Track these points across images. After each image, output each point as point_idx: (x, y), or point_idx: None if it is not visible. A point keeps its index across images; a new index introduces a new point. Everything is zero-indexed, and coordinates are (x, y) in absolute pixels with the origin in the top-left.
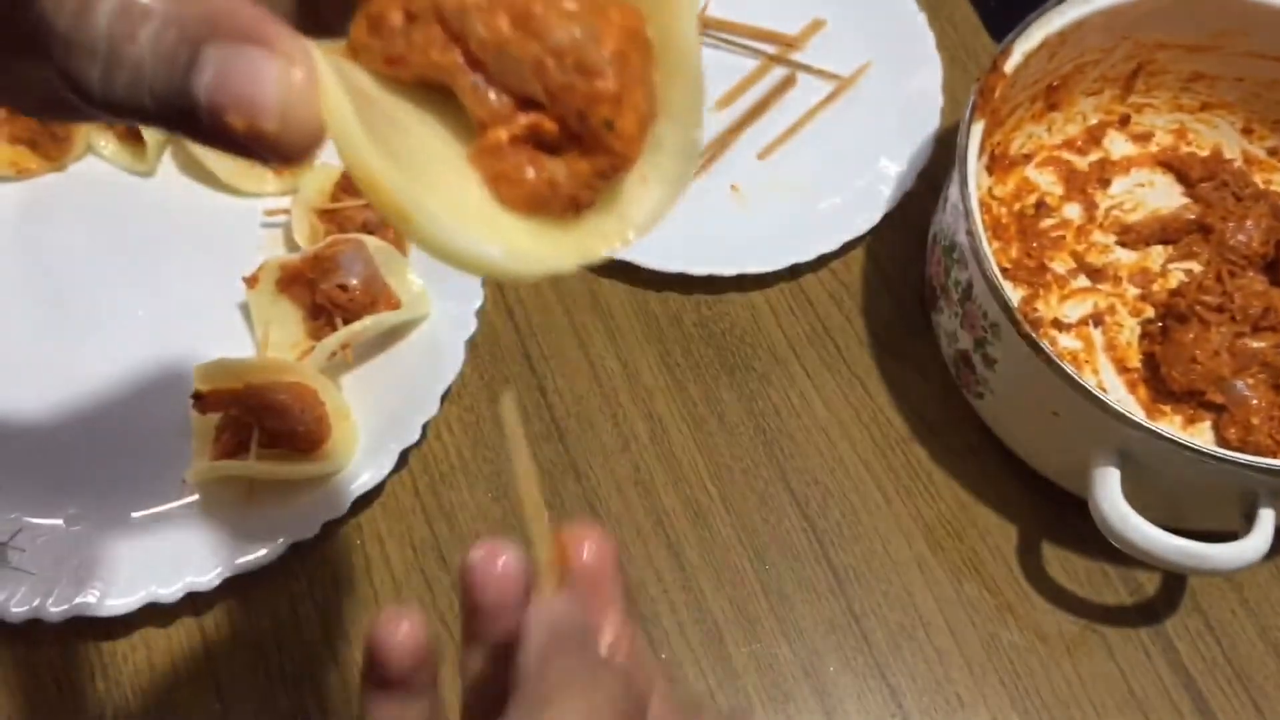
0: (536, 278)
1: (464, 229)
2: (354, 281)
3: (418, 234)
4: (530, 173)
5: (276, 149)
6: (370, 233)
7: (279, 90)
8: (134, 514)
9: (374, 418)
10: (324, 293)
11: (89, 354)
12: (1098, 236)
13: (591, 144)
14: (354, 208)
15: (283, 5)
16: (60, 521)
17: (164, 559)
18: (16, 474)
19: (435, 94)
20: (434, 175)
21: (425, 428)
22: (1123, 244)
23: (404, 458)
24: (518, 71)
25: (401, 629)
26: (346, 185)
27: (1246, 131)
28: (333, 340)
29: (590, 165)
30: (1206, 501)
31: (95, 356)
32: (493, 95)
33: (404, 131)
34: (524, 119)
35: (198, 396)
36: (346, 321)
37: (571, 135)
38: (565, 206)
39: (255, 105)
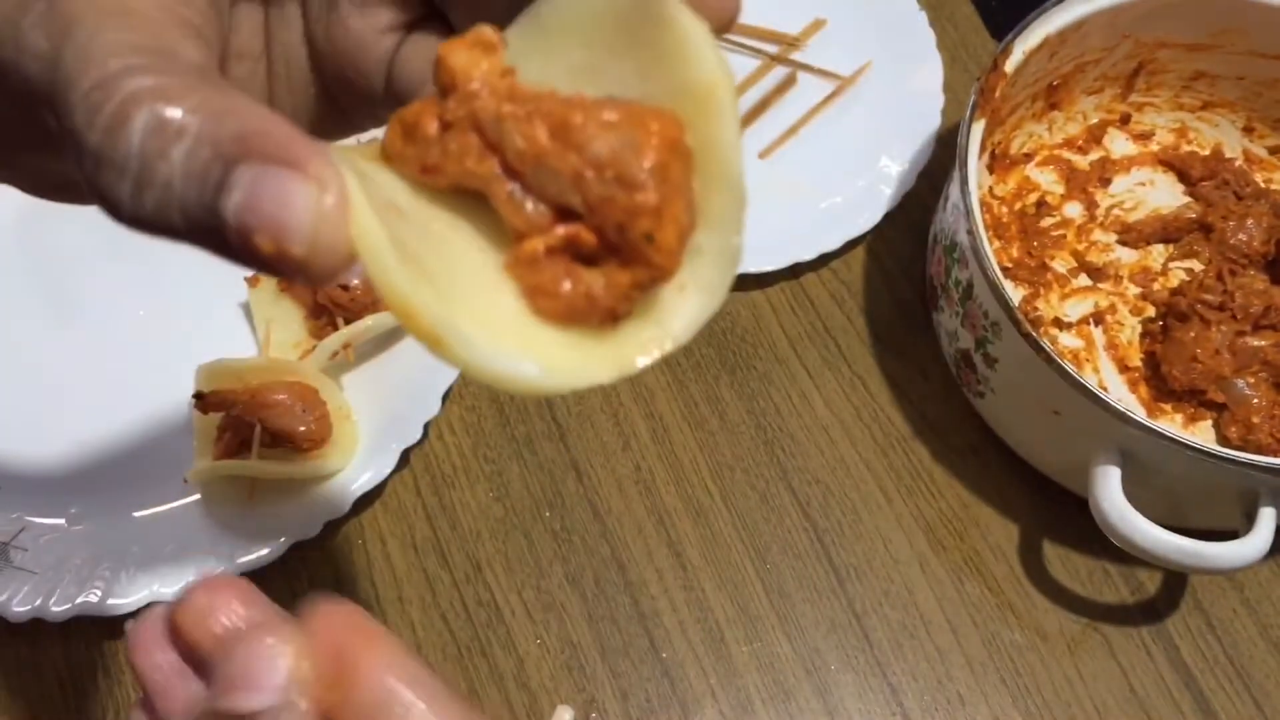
0: (573, 390)
1: (497, 349)
2: (355, 281)
3: (451, 358)
4: (567, 285)
5: (303, 273)
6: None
7: (308, 215)
8: (136, 513)
9: (375, 417)
10: (325, 292)
11: (91, 354)
12: (1098, 235)
13: (631, 256)
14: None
15: (305, 100)
16: (62, 521)
17: (166, 558)
18: (19, 474)
19: (470, 199)
20: (467, 288)
21: (426, 427)
22: (1123, 243)
23: (405, 457)
24: (556, 183)
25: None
26: None
27: (1248, 130)
28: (334, 340)
29: (629, 277)
30: (1207, 500)
31: (97, 356)
32: (530, 205)
33: (437, 242)
34: (562, 230)
35: (199, 396)
36: (348, 321)
37: (610, 247)
38: (602, 319)
39: (283, 229)
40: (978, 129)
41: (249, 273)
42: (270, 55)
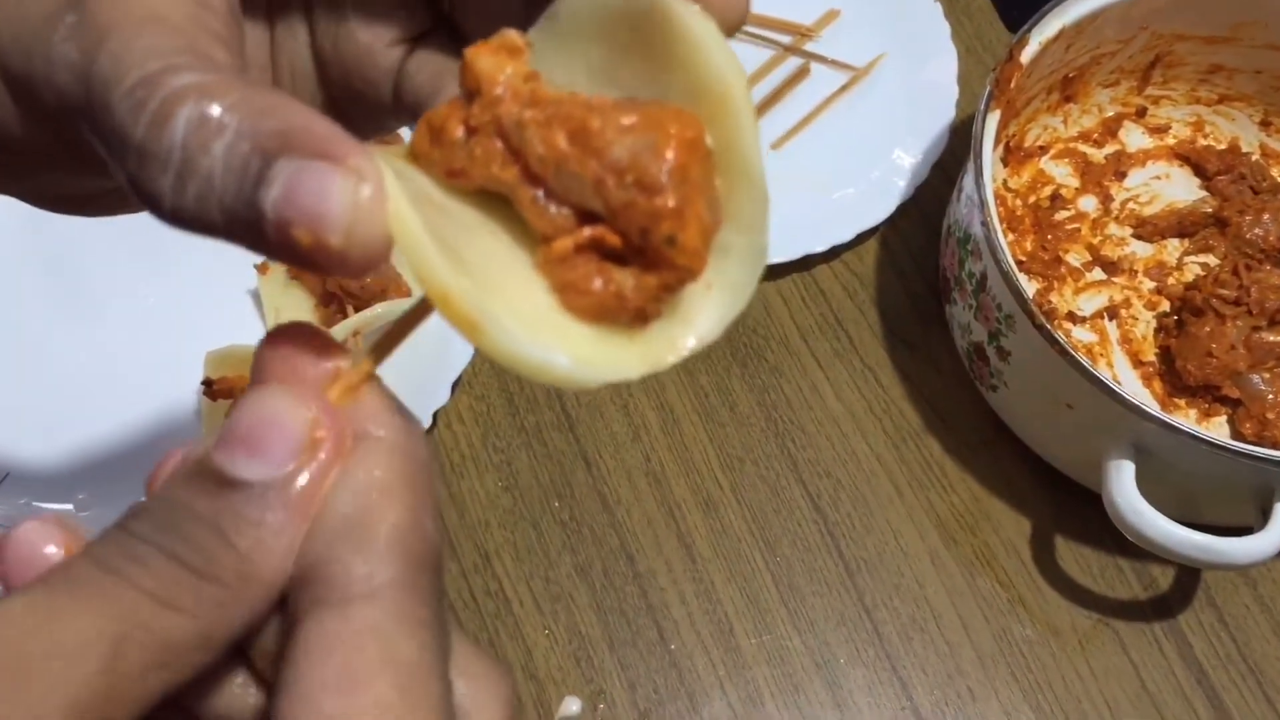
0: (602, 385)
1: (532, 339)
2: None
3: (487, 344)
4: (598, 283)
5: (341, 264)
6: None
7: (345, 206)
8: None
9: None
10: (335, 280)
11: (100, 340)
12: (1113, 229)
13: (656, 258)
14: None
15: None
16: (70, 507)
17: None
18: (27, 459)
19: (497, 199)
20: (499, 281)
21: (435, 416)
22: (1139, 237)
23: None
24: (578, 188)
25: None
26: None
27: (1265, 124)
28: (344, 327)
29: (657, 279)
30: (1221, 495)
31: (106, 343)
32: (553, 210)
33: (469, 236)
34: (587, 232)
35: (208, 383)
36: (358, 309)
37: (635, 249)
38: (632, 318)
39: (321, 220)
40: (992, 120)
41: (258, 259)
42: (276, 65)
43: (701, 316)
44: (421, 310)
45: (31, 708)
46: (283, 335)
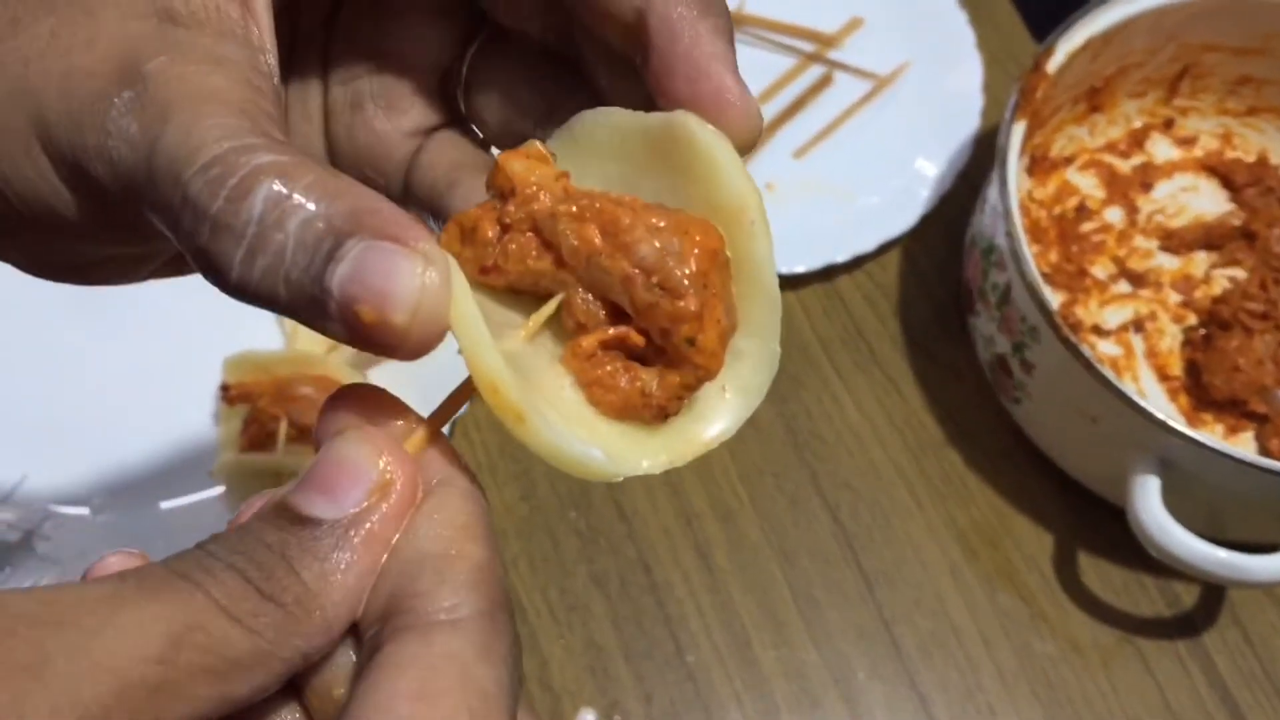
0: (627, 476)
1: (573, 435)
2: None
3: (529, 436)
4: (624, 382)
5: (402, 343)
6: None
7: (413, 288)
8: (162, 504)
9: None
10: None
11: (118, 345)
12: (1140, 241)
13: (676, 358)
14: None
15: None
16: (87, 511)
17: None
18: (45, 462)
19: (522, 299)
20: (534, 375)
21: (454, 424)
22: (1165, 249)
23: None
24: (606, 282)
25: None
26: None
27: None
28: None
29: (679, 378)
30: (1248, 512)
31: (124, 347)
32: (585, 302)
33: (507, 333)
34: (613, 330)
35: (226, 388)
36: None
37: (658, 349)
38: (654, 415)
39: (388, 299)
40: (1018, 130)
41: None
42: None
43: (718, 416)
44: (471, 388)
45: (85, 680)
46: (352, 394)
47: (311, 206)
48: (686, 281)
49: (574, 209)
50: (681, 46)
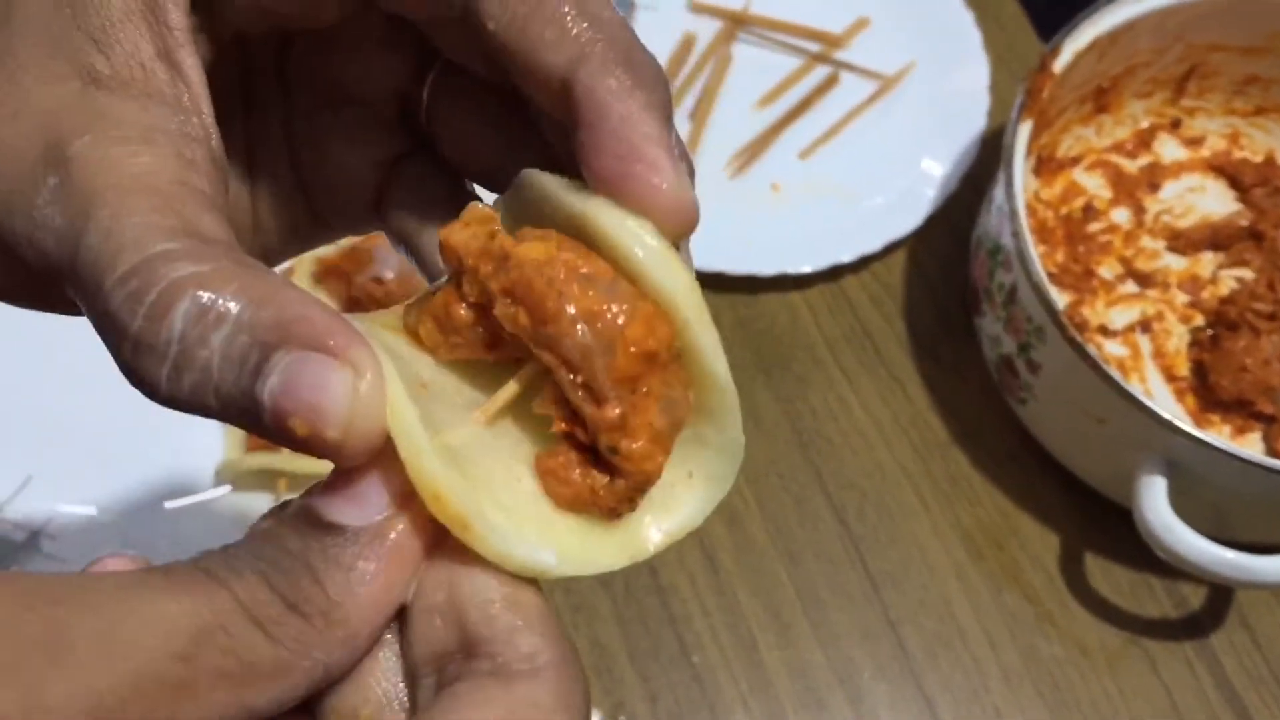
0: (587, 575)
1: (520, 538)
2: (389, 275)
3: (475, 543)
4: (576, 476)
5: (336, 454)
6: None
7: (344, 400)
8: (167, 504)
9: None
10: (359, 285)
11: None
12: (1147, 242)
13: (609, 464)
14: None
15: (288, 218)
16: (93, 510)
17: (195, 550)
18: (50, 462)
19: (489, 371)
20: (489, 466)
21: None
22: (1172, 250)
23: None
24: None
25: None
26: None
27: None
28: None
29: (624, 482)
30: (1255, 513)
31: None
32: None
33: (460, 416)
34: (564, 425)
35: None
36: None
37: (597, 452)
38: (607, 515)
39: (318, 413)
40: (1024, 130)
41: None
42: (253, 177)
43: (684, 506)
44: None
45: (104, 668)
46: None
47: (235, 318)
48: (609, 383)
49: (509, 280)
50: (609, 124)
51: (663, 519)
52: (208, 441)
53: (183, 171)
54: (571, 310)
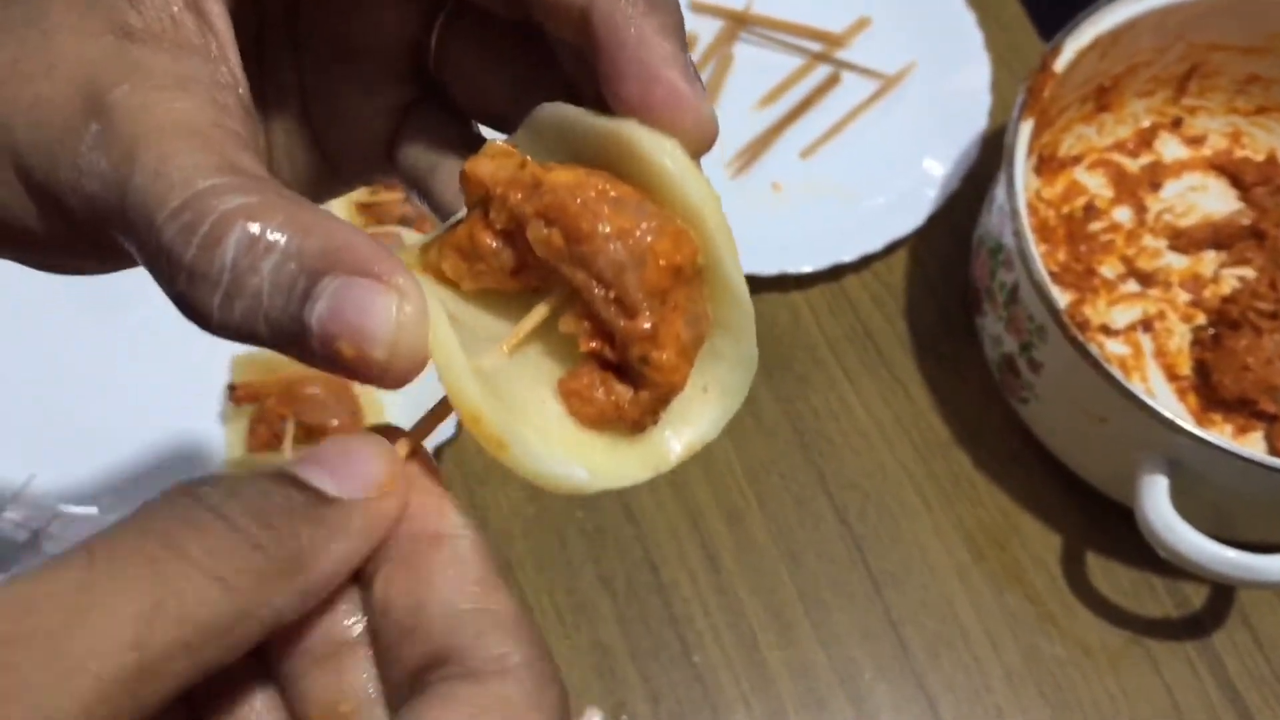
0: (613, 490)
1: (553, 455)
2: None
3: (512, 462)
4: (600, 394)
5: (382, 376)
6: (408, 225)
7: (389, 322)
8: None
9: (408, 413)
10: (389, 210)
11: (125, 344)
12: (1148, 241)
13: (637, 375)
14: (392, 201)
15: (304, 166)
16: (95, 510)
17: None
18: (52, 462)
19: (512, 302)
20: (519, 392)
21: (460, 424)
22: (1174, 249)
23: (438, 454)
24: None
25: None
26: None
27: None
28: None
29: (649, 394)
30: (1257, 512)
31: (132, 347)
32: (576, 304)
33: (485, 348)
34: (593, 343)
35: (233, 388)
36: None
37: (625, 364)
38: (630, 429)
39: (366, 334)
40: (1025, 129)
41: None
42: (268, 130)
43: (701, 418)
44: (448, 408)
45: (63, 689)
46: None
47: (284, 246)
48: (640, 295)
49: (542, 204)
50: (628, 49)
51: (682, 431)
52: (210, 440)
53: (218, 115)
54: (605, 229)
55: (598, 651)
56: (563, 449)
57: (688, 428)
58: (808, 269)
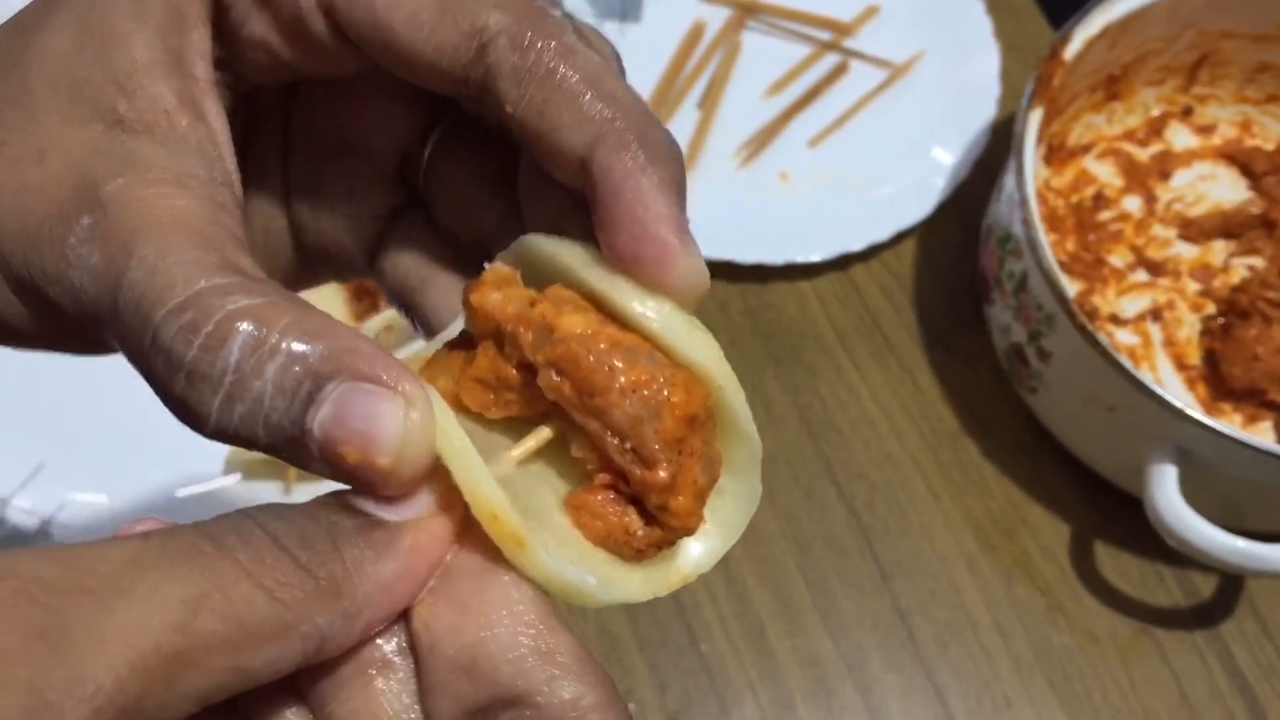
0: (614, 605)
1: (568, 560)
2: None
3: (527, 563)
4: (611, 514)
5: (384, 483)
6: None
7: (396, 429)
8: (178, 492)
9: None
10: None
11: None
12: (1158, 230)
13: (651, 517)
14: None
15: (281, 262)
16: (104, 498)
17: None
18: (62, 450)
19: (522, 424)
20: (524, 498)
21: None
22: (1184, 238)
23: None
24: (588, 433)
25: None
26: None
27: None
28: (377, 322)
29: (659, 532)
30: (1266, 501)
31: None
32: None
33: (497, 458)
34: (605, 477)
35: None
36: (390, 303)
37: (640, 503)
38: (634, 555)
39: (370, 440)
40: (1035, 118)
41: None
42: (248, 215)
43: (698, 551)
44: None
45: (102, 653)
46: None
47: (288, 349)
48: (658, 448)
49: (554, 354)
50: (624, 202)
51: (679, 561)
52: None
53: (216, 213)
54: (619, 382)
55: (606, 640)
56: (572, 555)
57: (685, 559)
58: (816, 258)
